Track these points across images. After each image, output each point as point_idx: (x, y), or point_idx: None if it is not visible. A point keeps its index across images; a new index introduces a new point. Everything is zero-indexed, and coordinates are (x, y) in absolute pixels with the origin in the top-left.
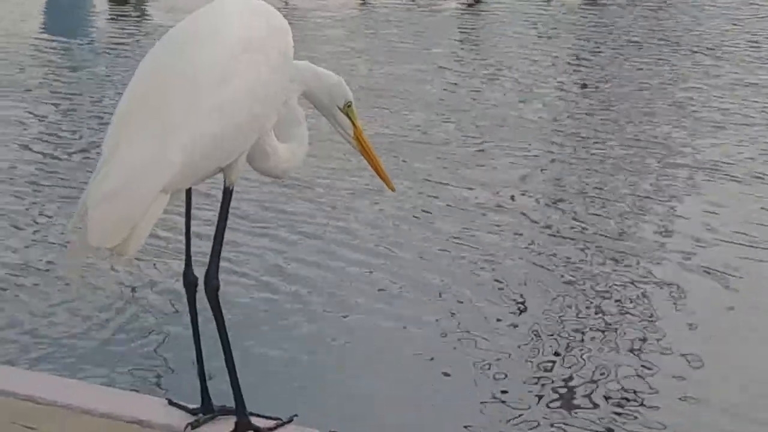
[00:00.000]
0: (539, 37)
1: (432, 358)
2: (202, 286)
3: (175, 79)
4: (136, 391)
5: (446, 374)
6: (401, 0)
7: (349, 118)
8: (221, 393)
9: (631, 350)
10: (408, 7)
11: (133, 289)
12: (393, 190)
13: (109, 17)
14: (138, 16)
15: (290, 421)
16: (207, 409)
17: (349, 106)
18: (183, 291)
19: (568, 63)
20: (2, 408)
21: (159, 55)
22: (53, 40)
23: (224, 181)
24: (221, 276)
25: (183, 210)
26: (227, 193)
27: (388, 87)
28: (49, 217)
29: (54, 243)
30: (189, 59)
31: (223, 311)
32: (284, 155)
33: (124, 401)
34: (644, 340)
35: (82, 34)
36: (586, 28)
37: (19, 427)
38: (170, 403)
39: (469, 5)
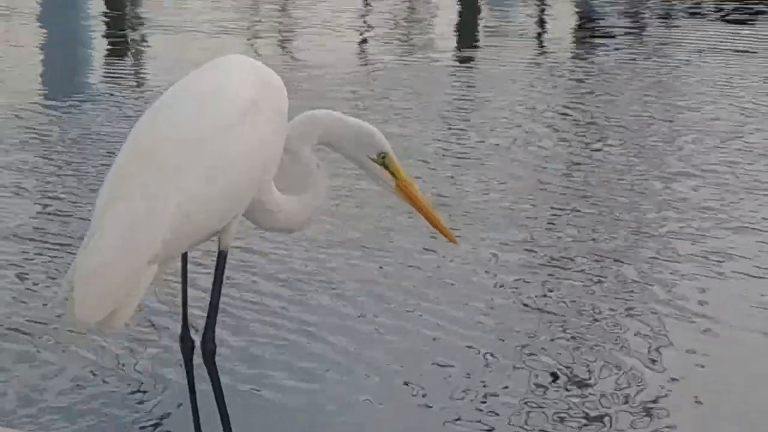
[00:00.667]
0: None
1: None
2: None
3: (169, 139)
4: None
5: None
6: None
7: (389, 170)
8: None
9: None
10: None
11: (130, 351)
12: (454, 242)
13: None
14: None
15: None
16: None
17: (383, 157)
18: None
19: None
20: None
21: (157, 113)
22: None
23: (218, 245)
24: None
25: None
26: (221, 257)
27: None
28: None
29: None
30: (187, 119)
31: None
32: (294, 208)
33: None
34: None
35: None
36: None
37: None
38: None
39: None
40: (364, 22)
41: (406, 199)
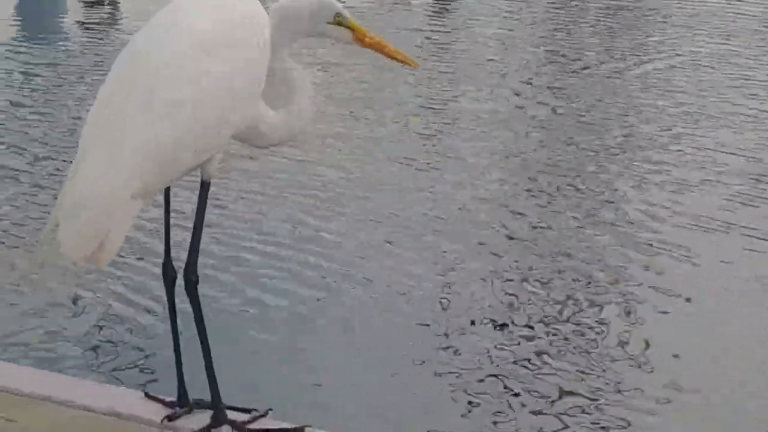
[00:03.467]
0: None
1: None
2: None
3: (138, 77)
4: (114, 383)
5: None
6: None
7: (344, 26)
8: (198, 386)
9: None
10: None
11: (110, 282)
12: (416, 65)
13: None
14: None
15: (265, 414)
16: (183, 403)
17: (339, 18)
18: (161, 285)
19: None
20: None
21: (129, 53)
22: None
23: (201, 175)
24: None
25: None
26: (205, 186)
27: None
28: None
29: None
30: (153, 56)
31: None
32: (287, 121)
33: (102, 393)
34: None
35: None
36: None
37: None
38: (147, 396)
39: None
40: None
41: (365, 46)
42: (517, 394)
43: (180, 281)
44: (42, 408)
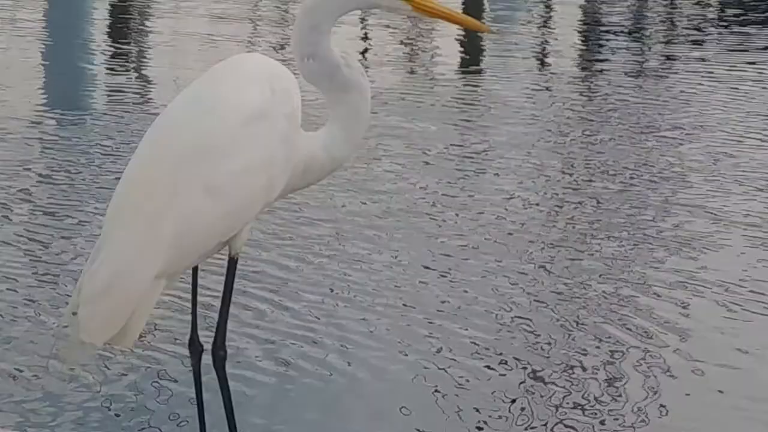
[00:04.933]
0: None
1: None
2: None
3: (167, 154)
4: None
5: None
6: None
7: None
8: None
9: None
10: None
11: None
12: (488, 30)
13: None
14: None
15: None
16: None
17: None
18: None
19: None
20: None
21: (157, 130)
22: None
23: (229, 251)
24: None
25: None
26: (232, 264)
27: None
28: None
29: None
30: (179, 136)
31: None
32: (347, 129)
33: None
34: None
35: None
36: None
37: None
38: None
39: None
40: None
41: (427, 15)
42: None
43: (207, 357)
44: None
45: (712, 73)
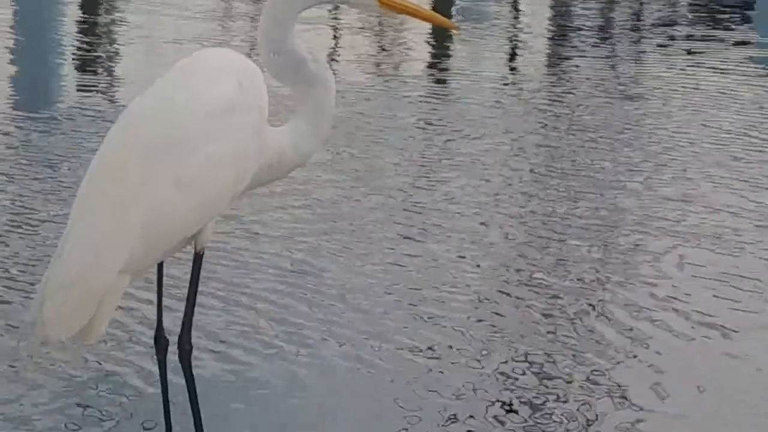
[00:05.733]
0: None
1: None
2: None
3: (135, 147)
4: None
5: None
6: None
7: None
8: None
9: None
10: None
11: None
12: (456, 28)
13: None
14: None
15: None
16: None
17: None
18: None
19: None
20: None
21: (126, 121)
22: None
23: (194, 247)
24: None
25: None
26: (197, 259)
27: None
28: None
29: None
30: (147, 129)
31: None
32: (314, 123)
33: None
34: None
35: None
36: None
37: None
38: None
39: None
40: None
41: (393, 11)
42: None
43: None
44: None
45: (677, 67)
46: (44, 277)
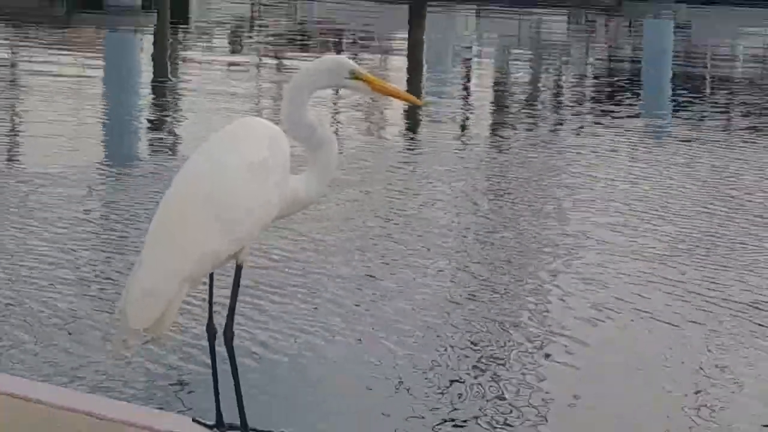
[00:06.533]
0: None
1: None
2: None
3: (195, 196)
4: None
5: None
6: None
7: (362, 80)
8: (231, 414)
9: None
10: None
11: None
12: (421, 103)
13: None
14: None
15: None
16: (220, 425)
17: (354, 74)
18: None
19: None
20: (67, 422)
21: (180, 181)
22: None
23: (236, 260)
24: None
25: None
26: (238, 270)
27: None
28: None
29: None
30: (200, 179)
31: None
32: (321, 175)
33: (162, 418)
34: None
35: None
36: None
37: None
38: (194, 420)
39: None
40: None
41: (381, 93)
42: None
43: (220, 337)
44: (117, 430)
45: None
46: (126, 287)
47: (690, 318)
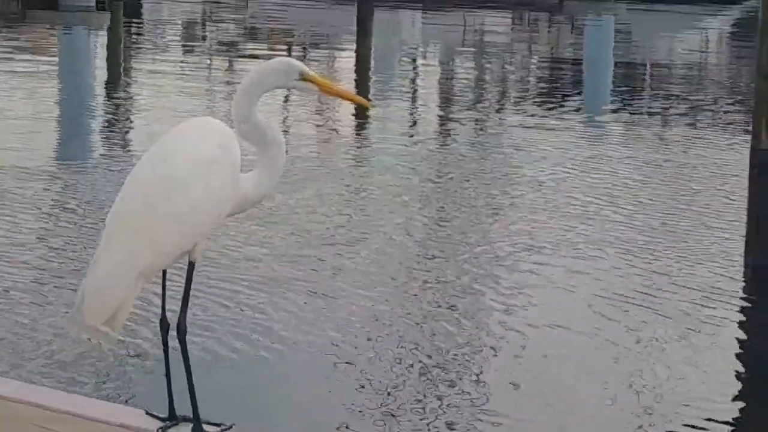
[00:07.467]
0: None
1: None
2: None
3: (143, 192)
4: (123, 404)
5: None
6: None
7: (311, 81)
8: (184, 406)
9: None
10: None
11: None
12: (366, 105)
13: None
14: None
15: (230, 427)
16: (172, 418)
17: (303, 75)
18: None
19: None
20: (25, 414)
21: (134, 179)
22: None
23: (188, 257)
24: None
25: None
26: (191, 267)
27: None
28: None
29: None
30: (153, 175)
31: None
32: (269, 173)
33: (115, 411)
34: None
35: None
36: None
37: (39, 428)
38: (147, 413)
39: None
40: None
41: (330, 94)
42: None
43: (173, 330)
44: (73, 422)
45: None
46: (82, 283)
47: (635, 314)
